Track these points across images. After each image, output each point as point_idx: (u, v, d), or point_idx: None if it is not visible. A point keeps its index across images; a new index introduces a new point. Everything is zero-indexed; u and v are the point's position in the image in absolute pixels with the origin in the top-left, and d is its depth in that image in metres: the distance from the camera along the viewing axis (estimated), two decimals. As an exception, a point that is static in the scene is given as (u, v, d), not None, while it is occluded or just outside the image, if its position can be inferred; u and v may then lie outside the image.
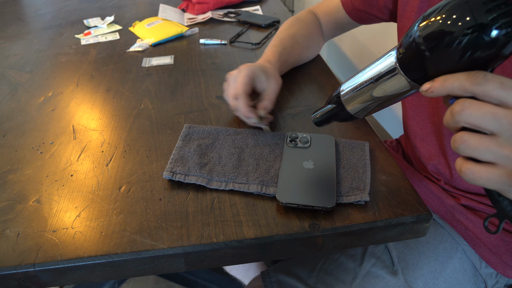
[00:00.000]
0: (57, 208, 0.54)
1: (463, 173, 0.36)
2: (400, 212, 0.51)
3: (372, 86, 0.46)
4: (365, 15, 0.83)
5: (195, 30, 1.11)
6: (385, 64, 0.44)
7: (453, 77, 0.35)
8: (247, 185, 0.55)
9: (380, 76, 0.45)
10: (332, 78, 0.83)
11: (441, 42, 0.36)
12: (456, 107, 0.35)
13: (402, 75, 0.42)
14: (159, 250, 0.47)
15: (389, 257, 0.69)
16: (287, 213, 0.51)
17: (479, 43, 0.34)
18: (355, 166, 0.58)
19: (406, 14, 0.70)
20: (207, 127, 0.66)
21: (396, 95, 0.45)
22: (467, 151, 0.35)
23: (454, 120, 0.35)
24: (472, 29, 0.34)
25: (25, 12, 1.39)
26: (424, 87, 0.38)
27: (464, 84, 0.34)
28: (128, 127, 0.70)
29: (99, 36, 1.11)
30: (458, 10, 0.35)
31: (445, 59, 0.36)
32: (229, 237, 0.48)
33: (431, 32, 0.37)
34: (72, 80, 0.88)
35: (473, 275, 0.69)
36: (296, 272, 0.69)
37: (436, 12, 0.37)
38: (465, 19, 0.34)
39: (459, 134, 0.35)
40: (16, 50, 1.06)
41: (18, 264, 0.46)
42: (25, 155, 0.64)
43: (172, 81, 0.85)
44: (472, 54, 0.35)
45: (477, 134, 0.35)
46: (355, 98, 0.49)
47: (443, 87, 0.36)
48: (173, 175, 0.56)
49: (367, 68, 0.47)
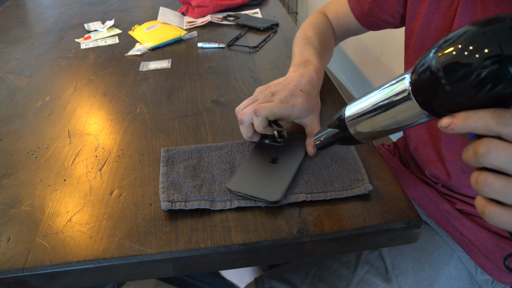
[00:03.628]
0: (49, 213, 0.54)
1: (487, 215, 0.34)
2: (390, 217, 0.51)
3: (380, 113, 0.43)
4: (375, 21, 0.80)
5: (193, 34, 1.11)
6: (396, 89, 0.40)
7: (477, 115, 0.33)
8: (252, 201, 0.53)
9: (390, 102, 0.41)
10: (328, 83, 0.82)
11: (463, 74, 0.32)
12: (481, 148, 0.33)
13: (415, 102, 0.38)
14: (147, 255, 0.47)
15: (383, 264, 0.68)
16: (276, 218, 0.51)
17: (502, 76, 0.31)
18: (345, 158, 0.59)
19: (417, 16, 0.67)
20: (186, 147, 0.62)
21: (407, 124, 0.41)
22: (491, 194, 0.34)
23: (478, 161, 0.33)
24: (497, 60, 0.31)
25: (27, 16, 1.40)
26: (443, 123, 0.35)
27: (490, 124, 0.32)
28: (123, 131, 0.70)
29: (99, 40, 1.12)
30: (481, 38, 0.31)
31: (465, 93, 0.33)
32: (217, 243, 0.48)
33: (450, 61, 0.33)
34: (70, 84, 0.89)
35: (469, 282, 0.68)
36: (289, 279, 0.68)
37: (458, 38, 0.33)
38: (489, 48, 0.31)
39: (482, 176, 0.34)
40: (17, 54, 1.07)
41: (8, 268, 0.47)
42: (20, 159, 0.65)
43: (168, 85, 0.85)
44: (494, 87, 0.32)
45: (503, 176, 0.33)
46: (361, 123, 0.46)
47: (465, 126, 0.33)
48: (172, 204, 0.52)
49: (376, 90, 0.44)
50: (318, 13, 0.89)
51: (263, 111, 0.57)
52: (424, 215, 0.74)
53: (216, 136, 0.67)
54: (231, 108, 0.75)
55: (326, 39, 0.81)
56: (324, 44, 0.79)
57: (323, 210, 0.52)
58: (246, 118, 0.59)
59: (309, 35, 0.79)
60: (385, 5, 0.75)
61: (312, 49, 0.73)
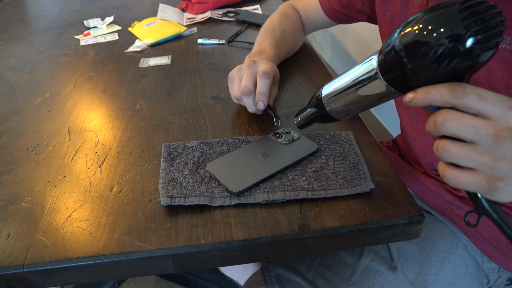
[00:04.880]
0: (49, 209, 0.54)
1: (446, 178, 0.38)
2: (391, 213, 0.50)
3: (352, 90, 0.47)
4: (343, 16, 0.85)
5: (193, 30, 1.11)
6: (366, 69, 0.44)
7: (434, 90, 0.37)
8: (252, 196, 0.53)
9: (361, 80, 0.45)
10: (330, 78, 0.82)
11: (419, 51, 0.37)
12: (438, 118, 0.37)
13: (382, 81, 0.42)
14: (147, 251, 0.47)
15: (388, 253, 0.68)
16: (277, 214, 0.51)
17: (455, 52, 0.35)
18: (348, 156, 0.59)
19: (387, 18, 0.72)
20: (188, 143, 0.62)
21: (376, 100, 0.45)
22: (449, 159, 0.38)
23: (437, 130, 0.37)
24: (449, 39, 0.35)
25: (27, 13, 1.40)
26: (407, 98, 0.39)
27: (445, 97, 0.36)
28: (123, 127, 0.70)
29: (98, 37, 1.11)
30: (435, 20, 0.35)
31: (423, 68, 0.37)
32: (217, 239, 0.48)
33: (410, 41, 0.37)
34: (70, 81, 0.88)
35: (475, 270, 0.68)
36: (295, 267, 0.68)
37: (416, 21, 0.37)
38: (442, 29, 0.35)
39: (442, 143, 0.38)
40: (16, 51, 1.07)
41: (7, 265, 0.46)
42: (19, 156, 0.64)
43: (168, 82, 0.85)
44: (449, 63, 0.36)
45: (459, 142, 0.37)
46: (336, 101, 0.49)
47: (425, 99, 0.38)
48: (172, 200, 0.52)
49: (348, 71, 0.47)
50: (288, 5, 0.93)
51: (271, 71, 0.67)
52: (428, 206, 0.74)
53: (216, 132, 0.67)
54: (232, 104, 0.74)
55: (291, 29, 0.87)
56: (285, 35, 0.85)
57: (324, 206, 0.52)
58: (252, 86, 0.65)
59: (274, 24, 0.86)
60: (350, 4, 0.81)
61: (271, 39, 0.81)
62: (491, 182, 0.36)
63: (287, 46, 0.85)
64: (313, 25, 0.93)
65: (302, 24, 0.92)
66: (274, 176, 0.55)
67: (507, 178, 0.36)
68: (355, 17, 0.84)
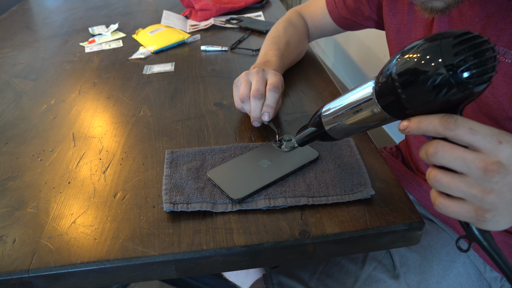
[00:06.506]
0: (54, 215, 0.55)
1: (437, 206, 0.39)
2: (392, 220, 0.51)
3: (350, 113, 0.47)
4: (352, 23, 0.86)
5: (197, 37, 1.12)
6: (363, 93, 0.44)
7: (427, 120, 0.37)
8: (254, 202, 0.54)
9: (358, 104, 0.45)
10: (330, 85, 0.83)
11: (411, 81, 0.37)
12: (430, 149, 0.37)
13: (378, 106, 0.43)
14: (150, 257, 0.48)
15: (391, 261, 0.68)
16: (278, 220, 0.51)
17: (447, 85, 0.35)
18: (349, 162, 0.59)
19: (393, 26, 0.72)
20: (190, 150, 0.63)
21: (374, 124, 0.46)
22: (440, 188, 0.38)
23: (429, 160, 0.38)
24: (441, 71, 0.35)
25: (33, 21, 1.42)
26: (401, 126, 0.40)
27: (437, 128, 0.37)
28: (126, 134, 0.71)
29: (103, 44, 1.13)
30: (430, 50, 0.36)
31: (416, 98, 0.38)
32: (219, 245, 0.49)
33: (404, 70, 0.37)
34: (75, 88, 0.89)
35: (477, 279, 0.68)
36: (297, 274, 0.69)
37: (412, 50, 0.37)
38: (434, 60, 0.35)
39: (433, 172, 0.38)
40: (23, 58, 1.08)
41: (13, 270, 0.47)
42: (25, 162, 0.66)
43: (171, 88, 0.86)
44: (441, 95, 0.36)
45: (450, 173, 0.38)
46: (334, 122, 0.50)
47: (418, 129, 0.38)
48: (174, 206, 0.53)
49: (349, 93, 0.48)
50: (294, 12, 0.94)
51: (280, 85, 0.68)
52: (431, 214, 0.74)
53: (219, 139, 0.68)
54: (234, 111, 0.75)
55: (296, 39, 0.88)
56: (290, 45, 0.85)
57: (325, 212, 0.52)
58: (263, 90, 0.66)
59: (279, 33, 0.86)
60: (359, 10, 0.82)
61: (276, 50, 0.81)
62: (479, 214, 0.37)
63: (291, 56, 0.86)
64: (319, 32, 0.93)
65: (308, 32, 0.93)
66: (275, 183, 0.56)
67: (495, 210, 0.37)
68: (363, 23, 0.85)
